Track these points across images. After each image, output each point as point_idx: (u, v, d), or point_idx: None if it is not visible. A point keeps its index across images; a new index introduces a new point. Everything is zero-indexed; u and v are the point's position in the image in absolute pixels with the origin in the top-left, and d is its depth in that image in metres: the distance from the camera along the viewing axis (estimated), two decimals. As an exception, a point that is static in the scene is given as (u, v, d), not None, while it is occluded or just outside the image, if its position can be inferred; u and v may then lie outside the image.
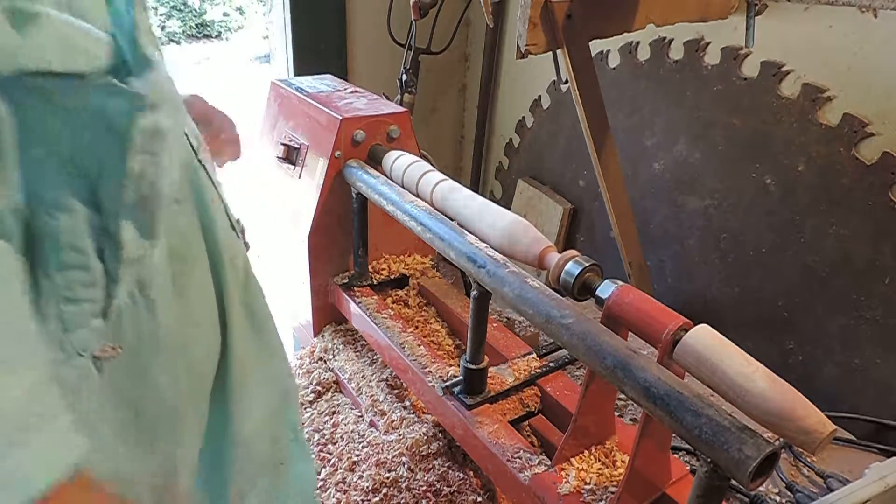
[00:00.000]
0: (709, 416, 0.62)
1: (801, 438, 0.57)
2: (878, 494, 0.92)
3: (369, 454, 1.16)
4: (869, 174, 1.28)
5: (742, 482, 0.59)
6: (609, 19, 1.22)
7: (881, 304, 1.30)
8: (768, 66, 1.42)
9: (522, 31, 1.12)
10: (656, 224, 1.75)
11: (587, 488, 0.87)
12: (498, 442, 0.98)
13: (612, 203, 1.38)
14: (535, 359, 1.17)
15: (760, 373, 0.61)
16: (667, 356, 0.70)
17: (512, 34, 2.12)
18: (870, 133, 1.27)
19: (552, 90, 2.04)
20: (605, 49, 1.78)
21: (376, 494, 1.09)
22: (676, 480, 0.87)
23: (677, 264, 1.72)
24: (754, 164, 1.48)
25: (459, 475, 1.11)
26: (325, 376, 1.38)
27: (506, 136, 2.29)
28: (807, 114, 1.36)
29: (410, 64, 1.98)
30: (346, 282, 1.38)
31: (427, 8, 1.83)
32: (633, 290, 0.77)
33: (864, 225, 1.31)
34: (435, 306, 1.41)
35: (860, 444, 1.23)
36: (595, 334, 0.74)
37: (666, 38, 1.62)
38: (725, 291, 1.61)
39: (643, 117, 1.72)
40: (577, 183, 2.00)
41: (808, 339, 1.45)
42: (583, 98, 1.24)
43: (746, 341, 1.54)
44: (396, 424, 1.21)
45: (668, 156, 1.68)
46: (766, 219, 1.48)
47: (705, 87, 1.55)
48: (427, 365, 1.14)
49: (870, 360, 1.34)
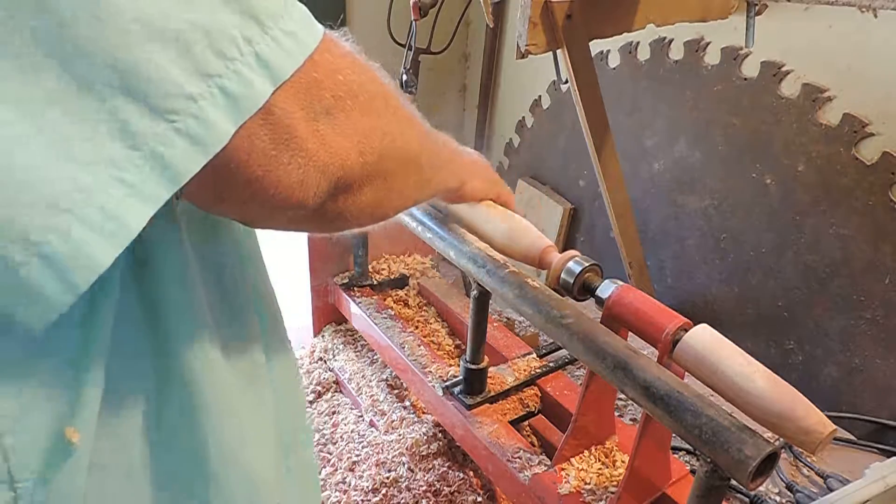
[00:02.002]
0: (709, 416, 0.62)
1: (801, 438, 0.57)
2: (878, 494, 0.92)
3: (369, 454, 1.16)
4: (869, 174, 1.28)
5: (742, 482, 0.59)
6: (609, 19, 1.22)
7: (881, 304, 1.30)
8: (768, 66, 1.42)
9: (522, 31, 1.12)
10: (656, 224, 1.75)
11: (587, 488, 0.87)
12: (498, 442, 0.98)
13: (612, 203, 1.37)
14: (535, 359, 1.17)
15: (760, 373, 0.61)
16: (667, 356, 0.70)
17: (512, 34, 2.12)
18: (870, 133, 1.27)
19: (552, 90, 2.04)
20: (605, 49, 1.78)
21: (376, 494, 1.09)
22: (676, 480, 0.87)
23: (677, 264, 1.72)
24: (754, 164, 1.48)
25: (459, 475, 1.11)
26: (325, 376, 1.38)
27: (506, 136, 2.29)
28: (807, 114, 1.36)
29: (410, 64, 1.98)
30: (346, 282, 1.38)
31: (427, 8, 1.83)
32: (633, 290, 0.77)
33: (864, 225, 1.31)
34: (435, 306, 1.41)
35: (860, 444, 1.23)
36: (595, 334, 0.74)
37: (666, 38, 1.62)
38: (725, 291, 1.61)
39: (643, 117, 1.72)
40: (577, 183, 2.00)
41: (808, 339, 1.45)
42: (583, 98, 1.24)
43: (746, 341, 1.54)
44: (396, 424, 1.21)
45: (668, 156, 1.68)
46: (766, 219, 1.48)
47: (705, 87, 1.55)
48: (427, 365, 1.14)
49: (870, 360, 1.33)
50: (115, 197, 0.26)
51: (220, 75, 0.27)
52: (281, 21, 0.29)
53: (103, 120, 0.25)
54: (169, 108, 0.26)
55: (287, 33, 0.29)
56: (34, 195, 0.24)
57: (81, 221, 0.25)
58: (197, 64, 0.26)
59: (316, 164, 0.32)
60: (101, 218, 0.25)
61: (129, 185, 0.26)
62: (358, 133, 0.34)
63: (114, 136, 0.25)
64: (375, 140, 0.36)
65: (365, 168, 0.36)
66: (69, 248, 0.25)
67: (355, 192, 0.36)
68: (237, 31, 0.27)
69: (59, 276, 0.25)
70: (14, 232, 0.24)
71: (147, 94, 0.25)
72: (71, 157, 0.25)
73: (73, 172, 0.25)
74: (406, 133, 0.40)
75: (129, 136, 0.25)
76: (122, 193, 0.26)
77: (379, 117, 0.36)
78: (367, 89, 0.36)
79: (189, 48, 0.26)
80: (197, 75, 0.26)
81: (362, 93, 0.35)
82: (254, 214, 0.35)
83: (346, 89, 0.33)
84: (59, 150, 0.24)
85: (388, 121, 0.37)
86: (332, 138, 0.33)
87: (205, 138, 0.27)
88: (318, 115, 0.32)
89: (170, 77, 0.26)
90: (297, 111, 0.30)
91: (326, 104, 0.32)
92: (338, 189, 0.35)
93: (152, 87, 0.25)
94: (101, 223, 0.25)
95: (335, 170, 0.33)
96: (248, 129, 0.29)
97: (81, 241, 0.25)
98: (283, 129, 0.30)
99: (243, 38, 0.28)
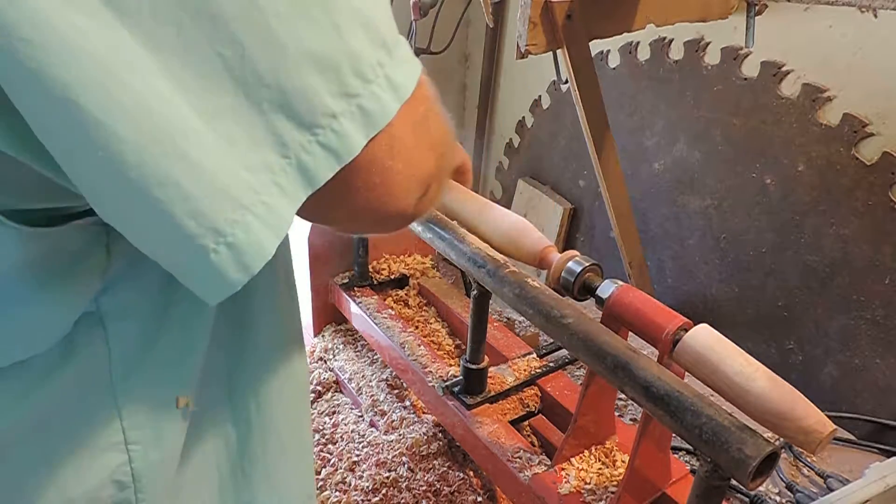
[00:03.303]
0: (709, 416, 0.62)
1: (801, 438, 0.57)
2: (878, 494, 0.92)
3: (369, 454, 1.17)
4: (869, 174, 1.28)
5: (742, 482, 0.59)
6: (609, 19, 1.22)
7: (881, 304, 1.30)
8: (768, 66, 1.42)
9: (522, 31, 1.12)
10: (656, 224, 1.75)
11: (587, 488, 0.87)
12: (498, 442, 0.98)
13: (612, 203, 1.38)
14: (535, 359, 1.17)
15: (760, 373, 0.61)
16: (667, 356, 0.70)
17: (512, 34, 2.12)
18: (870, 133, 1.27)
19: (552, 90, 2.04)
20: (605, 49, 1.78)
21: (376, 494, 1.09)
22: (676, 480, 0.87)
23: (677, 264, 1.72)
24: (754, 164, 1.48)
25: (459, 475, 1.11)
26: (325, 376, 1.38)
27: (506, 136, 2.29)
28: (807, 114, 1.36)
29: (410, 64, 1.98)
30: (346, 282, 1.38)
31: (427, 8, 1.83)
32: (633, 290, 0.77)
33: (864, 225, 1.31)
34: (435, 306, 1.41)
35: (860, 444, 1.23)
36: (595, 334, 0.74)
37: (666, 38, 1.62)
38: (725, 291, 1.61)
39: (643, 117, 1.72)
40: (577, 183, 2.00)
41: (808, 339, 1.45)
42: (583, 98, 1.24)
43: (746, 341, 1.54)
44: (396, 424, 1.21)
45: (668, 156, 1.68)
46: (766, 219, 1.48)
47: (705, 87, 1.55)
48: (427, 365, 1.14)
49: (870, 360, 1.33)
50: (274, 195, 0.31)
51: (359, 95, 0.31)
52: (400, 48, 0.33)
53: (263, 131, 0.30)
54: (315, 123, 0.31)
55: (405, 59, 0.34)
56: (222, 192, 0.29)
57: (255, 216, 0.30)
58: (343, 86, 0.31)
59: (416, 172, 0.36)
60: (268, 214, 0.31)
61: (281, 188, 0.31)
62: (436, 139, 0.38)
63: (271, 145, 0.30)
64: (444, 143, 0.40)
65: (439, 171, 0.40)
66: (249, 239, 0.30)
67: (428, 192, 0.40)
68: (374, 56, 0.32)
69: (239, 262, 0.30)
70: (207, 222, 0.29)
71: (301, 113, 0.30)
72: (243, 162, 0.30)
73: (247, 175, 0.30)
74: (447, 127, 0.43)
75: (283, 146, 0.30)
76: (278, 193, 0.31)
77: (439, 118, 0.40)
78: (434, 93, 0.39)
79: (339, 74, 0.31)
80: (341, 96, 0.31)
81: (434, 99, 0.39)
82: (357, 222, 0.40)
83: (428, 100, 0.38)
84: (235, 154, 0.30)
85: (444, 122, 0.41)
86: (425, 148, 0.37)
87: (340, 150, 0.31)
88: (417, 127, 0.36)
89: (321, 99, 0.30)
90: (407, 125, 0.34)
91: (420, 116, 0.36)
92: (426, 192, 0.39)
93: (305, 107, 0.30)
94: (269, 218, 0.31)
95: (426, 177, 0.38)
96: (374, 141, 0.33)
97: (259, 232, 0.30)
98: (398, 141, 0.34)
99: (378, 63, 0.32)
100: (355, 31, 0.31)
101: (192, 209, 0.29)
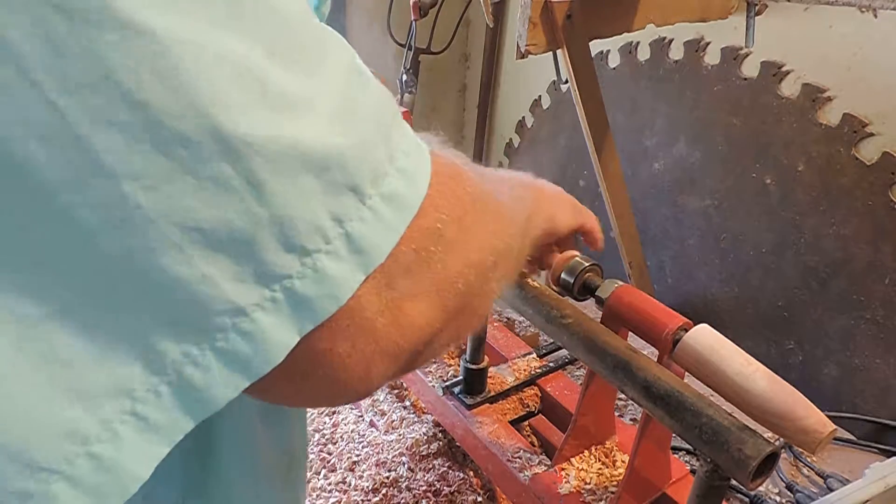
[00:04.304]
0: (709, 416, 0.62)
1: (800, 438, 0.57)
2: (878, 494, 0.92)
3: (369, 454, 1.17)
4: (869, 174, 1.28)
5: (742, 482, 0.59)
6: (609, 19, 1.22)
7: (881, 304, 1.30)
8: (768, 66, 1.42)
9: (522, 31, 1.12)
10: (656, 224, 1.75)
11: (587, 488, 0.87)
12: (498, 442, 0.98)
13: (612, 203, 1.38)
14: (535, 359, 1.17)
15: (760, 373, 0.61)
16: (667, 356, 0.70)
17: (512, 34, 2.12)
18: (870, 133, 1.27)
19: (552, 90, 2.04)
20: (605, 49, 1.78)
21: (376, 494, 1.09)
22: (676, 480, 0.87)
23: (677, 264, 1.72)
24: (754, 164, 1.48)
25: (459, 475, 1.11)
26: (325, 376, 1.38)
27: (506, 136, 2.29)
28: (807, 114, 1.36)
29: (410, 64, 1.98)
30: (346, 282, 1.38)
31: (427, 8, 1.83)
32: (633, 290, 0.77)
33: (864, 225, 1.30)
34: (435, 306, 1.40)
35: (860, 444, 1.23)
36: (595, 334, 0.74)
37: (666, 38, 1.62)
38: (725, 291, 1.61)
39: (643, 117, 1.72)
40: (577, 183, 2.00)
41: (808, 339, 1.45)
42: (583, 98, 1.24)
43: (746, 341, 1.54)
44: (396, 424, 1.21)
45: (668, 156, 1.68)
46: (766, 219, 1.48)
47: (705, 87, 1.55)
48: (427, 365, 1.14)
49: (870, 360, 1.33)
50: (121, 437, 0.20)
51: (289, 276, 0.20)
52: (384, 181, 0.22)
53: (118, 340, 0.19)
54: (210, 327, 0.20)
55: (388, 197, 0.22)
56: (9, 437, 0.18)
57: (69, 482, 0.19)
58: (258, 270, 0.20)
59: (384, 348, 0.24)
60: (95, 473, 0.20)
61: (142, 419, 0.20)
62: (439, 284, 0.25)
63: (131, 357, 0.19)
64: (461, 281, 0.27)
65: (446, 321, 0.27)
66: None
67: (434, 342, 0.28)
68: (324, 211, 0.20)
69: None
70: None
71: (183, 316, 0.19)
72: (68, 388, 0.19)
73: (69, 410, 0.19)
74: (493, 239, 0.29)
75: (153, 357, 0.19)
76: (131, 431, 0.20)
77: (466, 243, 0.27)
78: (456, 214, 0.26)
79: (252, 251, 0.19)
80: (255, 283, 0.20)
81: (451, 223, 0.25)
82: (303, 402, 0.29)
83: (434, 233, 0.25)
84: (51, 378, 0.19)
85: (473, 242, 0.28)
86: (408, 307, 0.24)
87: (251, 358, 0.20)
88: (394, 280, 0.23)
89: (219, 292, 0.19)
90: (369, 286, 0.22)
91: (406, 262, 0.23)
92: (412, 357, 0.27)
93: (193, 308, 0.19)
94: (96, 480, 0.19)
95: (408, 347, 0.25)
96: (314, 332, 0.21)
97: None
98: (346, 313, 0.22)
99: (332, 220, 0.20)
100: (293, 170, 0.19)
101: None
